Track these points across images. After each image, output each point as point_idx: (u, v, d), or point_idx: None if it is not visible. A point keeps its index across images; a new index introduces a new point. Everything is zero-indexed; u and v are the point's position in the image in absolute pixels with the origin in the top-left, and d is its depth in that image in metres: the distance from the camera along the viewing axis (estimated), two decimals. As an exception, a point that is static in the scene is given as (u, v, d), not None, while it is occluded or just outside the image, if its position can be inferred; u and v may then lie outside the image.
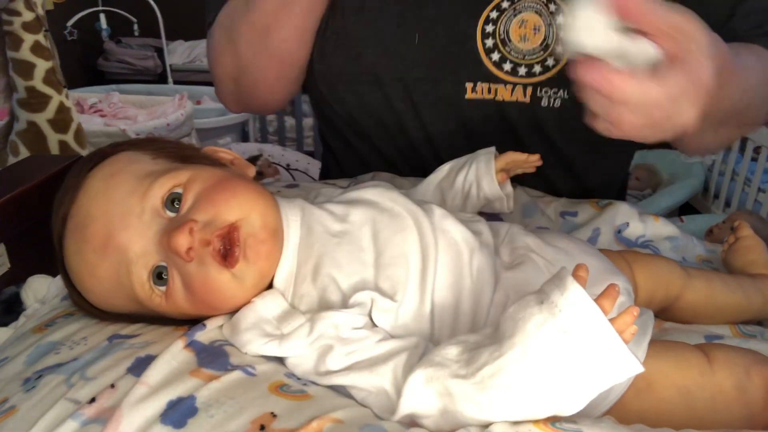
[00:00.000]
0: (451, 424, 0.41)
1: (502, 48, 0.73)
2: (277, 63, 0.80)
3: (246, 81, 0.83)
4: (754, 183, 2.30)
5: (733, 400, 0.47)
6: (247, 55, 0.79)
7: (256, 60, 0.79)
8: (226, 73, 0.83)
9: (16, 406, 0.44)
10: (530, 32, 0.72)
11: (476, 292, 0.52)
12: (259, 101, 0.87)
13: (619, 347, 0.37)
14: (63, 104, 1.83)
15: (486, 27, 0.73)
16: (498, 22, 0.73)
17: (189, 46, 3.94)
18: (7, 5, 1.68)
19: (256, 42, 0.78)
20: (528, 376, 0.38)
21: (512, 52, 0.73)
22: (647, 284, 0.64)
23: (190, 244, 0.47)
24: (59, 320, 0.55)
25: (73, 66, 3.44)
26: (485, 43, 0.73)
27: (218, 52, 0.82)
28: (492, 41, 0.73)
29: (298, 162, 2.80)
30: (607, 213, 0.78)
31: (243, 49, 0.79)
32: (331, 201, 0.58)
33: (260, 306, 0.50)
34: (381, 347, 0.46)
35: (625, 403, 0.47)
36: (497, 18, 0.73)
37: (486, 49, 0.73)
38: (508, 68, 0.74)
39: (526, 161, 0.69)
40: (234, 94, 0.86)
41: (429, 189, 0.71)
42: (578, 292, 0.38)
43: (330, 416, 0.41)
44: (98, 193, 0.50)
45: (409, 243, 0.53)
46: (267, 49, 0.78)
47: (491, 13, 0.73)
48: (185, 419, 0.41)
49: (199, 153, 0.58)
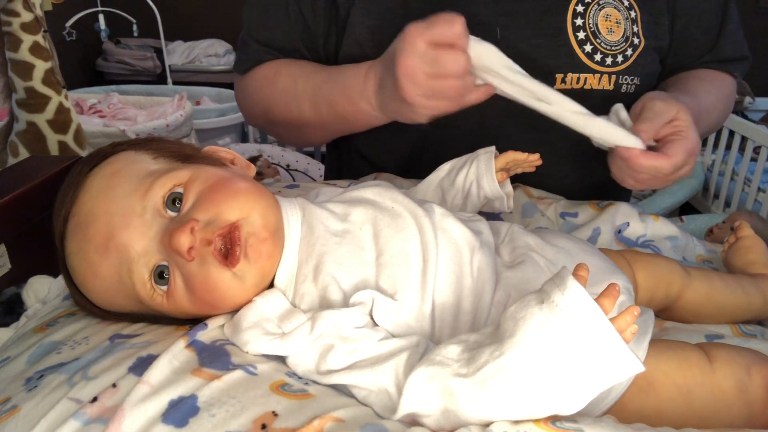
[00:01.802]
0: (452, 423, 0.41)
1: (593, 40, 0.78)
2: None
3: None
4: (754, 183, 2.31)
5: (734, 399, 0.47)
6: (281, 133, 0.95)
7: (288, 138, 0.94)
8: (251, 123, 0.97)
9: (18, 405, 0.44)
10: (614, 25, 0.80)
11: (477, 292, 0.52)
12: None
13: (620, 346, 0.37)
14: (62, 105, 1.83)
15: (575, 20, 0.78)
16: (586, 16, 0.79)
17: (188, 47, 3.93)
18: (6, 6, 1.68)
19: (293, 135, 0.91)
20: (529, 375, 0.38)
21: (602, 44, 0.79)
22: (648, 283, 0.64)
23: (192, 243, 0.47)
24: (61, 320, 0.55)
25: (72, 67, 3.44)
26: (577, 36, 0.78)
27: (249, 114, 0.94)
28: (584, 34, 0.78)
29: (298, 162, 2.80)
30: (607, 213, 0.78)
31: (280, 130, 0.93)
32: (331, 200, 0.58)
33: (261, 305, 0.50)
34: (382, 346, 0.46)
35: (626, 402, 0.47)
36: (584, 12, 0.79)
37: (579, 41, 0.78)
38: (598, 59, 0.80)
39: (526, 160, 0.69)
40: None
41: (429, 188, 0.71)
42: (579, 292, 0.38)
43: (331, 415, 0.41)
44: (99, 192, 0.50)
45: (409, 242, 0.53)
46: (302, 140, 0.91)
47: (577, 7, 0.78)
48: (187, 418, 0.41)
49: (200, 153, 0.58)
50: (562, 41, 0.78)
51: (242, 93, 0.92)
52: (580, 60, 0.79)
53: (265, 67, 0.87)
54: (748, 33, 0.89)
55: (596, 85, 0.81)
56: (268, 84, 0.86)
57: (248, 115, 0.96)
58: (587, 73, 0.80)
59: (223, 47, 3.94)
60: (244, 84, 0.90)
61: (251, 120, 0.97)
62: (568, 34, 0.78)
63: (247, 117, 0.97)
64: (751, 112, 2.81)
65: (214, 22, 3.97)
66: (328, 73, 0.79)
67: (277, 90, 0.84)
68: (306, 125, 0.84)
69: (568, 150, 0.84)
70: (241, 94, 0.94)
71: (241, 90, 0.93)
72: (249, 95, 0.90)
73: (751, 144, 2.35)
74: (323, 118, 0.80)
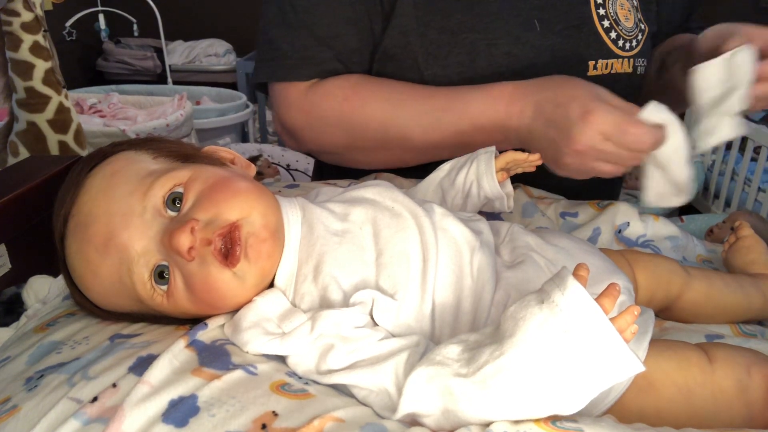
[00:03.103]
0: (452, 422, 0.41)
1: (616, 27, 0.83)
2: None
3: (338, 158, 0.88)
4: (754, 183, 2.30)
5: (734, 399, 0.47)
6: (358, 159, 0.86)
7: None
8: (314, 148, 0.87)
9: (18, 405, 0.44)
10: (627, 13, 0.85)
11: (477, 291, 0.52)
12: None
13: (620, 346, 0.37)
14: (62, 105, 1.83)
15: (599, 10, 0.83)
16: (606, 5, 0.83)
17: (188, 46, 3.94)
18: (6, 5, 1.68)
19: (380, 159, 0.85)
20: (529, 375, 0.38)
21: (623, 30, 0.83)
22: (648, 283, 0.64)
23: (192, 243, 0.47)
24: (61, 320, 0.55)
25: (72, 66, 3.44)
26: (603, 24, 0.82)
27: (317, 133, 0.84)
28: (608, 22, 0.82)
29: (298, 162, 2.80)
30: (607, 213, 0.78)
31: (357, 156, 0.85)
32: (331, 200, 0.58)
33: (261, 305, 0.50)
34: (382, 346, 0.46)
35: (626, 401, 0.47)
36: (603, 2, 0.83)
37: (605, 29, 0.82)
38: (621, 44, 0.85)
39: (526, 160, 0.69)
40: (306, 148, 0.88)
41: (429, 188, 0.71)
42: (579, 292, 0.38)
43: (331, 415, 0.41)
44: (99, 192, 0.50)
45: (409, 242, 0.53)
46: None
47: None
48: (187, 418, 0.41)
49: (200, 152, 0.58)
50: (590, 30, 0.82)
51: (308, 115, 0.82)
52: (608, 47, 0.83)
53: (342, 87, 0.80)
54: None
55: (620, 69, 0.86)
56: (354, 109, 0.79)
57: (318, 141, 0.85)
58: (614, 58, 0.84)
59: (223, 47, 3.95)
60: (312, 105, 0.81)
61: (321, 145, 0.86)
62: (595, 23, 0.82)
63: (314, 143, 0.85)
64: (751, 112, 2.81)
65: (214, 22, 3.98)
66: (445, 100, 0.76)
67: (373, 115, 0.78)
68: (410, 150, 0.80)
69: None
70: (304, 116, 0.82)
71: (307, 112, 0.82)
72: (323, 117, 0.81)
73: (751, 144, 2.35)
74: (440, 143, 0.77)
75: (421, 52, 0.79)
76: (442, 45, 0.78)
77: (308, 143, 0.86)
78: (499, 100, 0.73)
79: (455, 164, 0.71)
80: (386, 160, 0.86)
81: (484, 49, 0.78)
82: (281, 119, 0.85)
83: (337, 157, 0.88)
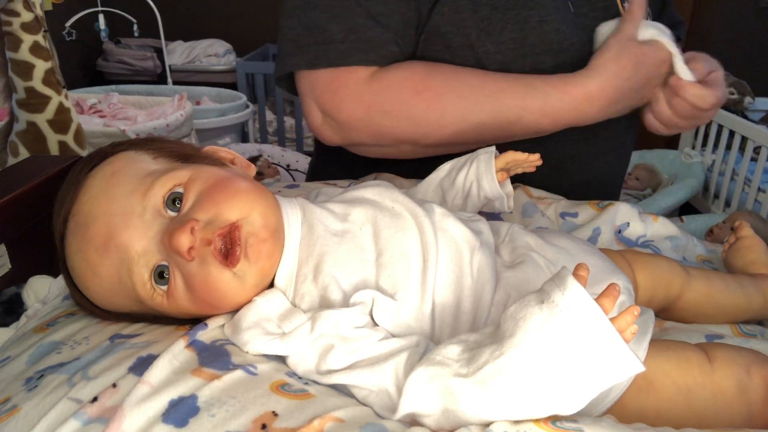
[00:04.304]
0: (452, 423, 0.41)
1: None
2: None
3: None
4: (754, 183, 2.30)
5: (734, 398, 0.48)
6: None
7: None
8: (368, 141, 0.80)
9: (18, 405, 0.44)
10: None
11: (477, 292, 0.52)
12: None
13: (620, 346, 0.37)
14: (62, 105, 1.83)
15: None
16: None
17: (188, 47, 3.94)
18: (6, 5, 1.68)
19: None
20: (529, 375, 0.38)
21: None
22: (648, 283, 0.64)
23: (192, 243, 0.47)
24: (61, 320, 0.55)
25: (72, 66, 3.44)
26: (624, 6, 0.84)
27: (379, 126, 0.77)
28: (626, 4, 0.83)
29: (298, 162, 2.81)
30: (607, 213, 0.78)
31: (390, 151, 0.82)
32: (331, 200, 0.58)
33: (261, 305, 0.50)
34: (382, 346, 0.46)
35: (626, 401, 0.47)
36: None
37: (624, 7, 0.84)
38: None
39: (527, 160, 0.69)
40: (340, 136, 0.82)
41: (429, 188, 0.71)
42: (579, 292, 0.38)
43: (331, 415, 0.41)
44: (99, 192, 0.50)
45: (410, 242, 0.53)
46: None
47: None
48: (187, 418, 0.41)
49: (200, 152, 0.58)
50: (615, 12, 0.83)
51: (369, 108, 0.75)
52: None
53: (406, 72, 0.75)
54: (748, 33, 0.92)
55: None
56: (423, 99, 0.74)
57: (377, 136, 0.78)
58: None
59: (223, 47, 3.95)
60: (375, 96, 0.75)
61: (378, 139, 0.78)
62: (618, 5, 0.83)
63: (370, 136, 0.78)
64: (751, 112, 2.81)
65: (214, 22, 3.98)
66: (523, 96, 0.75)
67: (443, 108, 0.75)
68: (480, 144, 0.75)
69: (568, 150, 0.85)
70: (365, 109, 0.75)
71: (368, 104, 0.75)
72: (388, 112, 0.75)
73: (751, 144, 2.35)
74: (516, 136, 0.77)
75: (474, 29, 0.76)
76: (495, 21, 0.76)
77: (363, 136, 0.78)
78: (581, 102, 0.74)
79: (455, 164, 0.71)
80: (443, 152, 0.80)
81: (536, 26, 0.77)
82: (329, 110, 0.76)
83: (385, 150, 0.82)
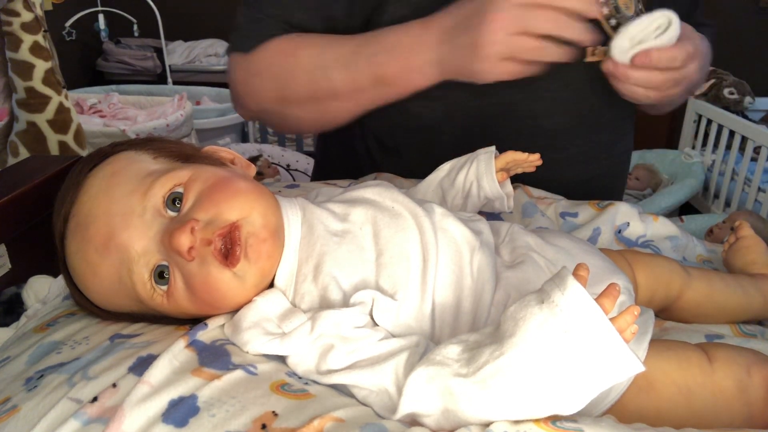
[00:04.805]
0: (452, 423, 0.41)
1: (615, 15, 0.83)
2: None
3: (280, 121, 0.88)
4: (754, 183, 2.31)
5: (734, 398, 0.48)
6: (298, 115, 0.84)
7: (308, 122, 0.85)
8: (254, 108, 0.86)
9: (18, 405, 0.44)
10: (629, 2, 0.84)
11: (477, 291, 0.52)
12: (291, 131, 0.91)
13: (620, 346, 0.37)
14: (62, 105, 1.83)
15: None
16: None
17: (188, 47, 3.94)
18: (6, 5, 1.68)
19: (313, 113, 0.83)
20: (529, 375, 0.38)
21: (622, 19, 0.82)
22: (648, 283, 0.64)
23: (192, 243, 0.47)
24: (61, 320, 0.55)
25: (72, 66, 3.44)
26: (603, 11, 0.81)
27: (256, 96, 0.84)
28: (607, 10, 0.82)
29: (298, 162, 2.81)
30: (607, 213, 0.78)
31: (296, 111, 0.83)
32: (331, 200, 0.58)
33: (261, 305, 0.50)
34: (382, 346, 0.46)
35: (626, 401, 0.47)
36: None
37: (604, 16, 0.81)
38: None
39: (527, 160, 0.69)
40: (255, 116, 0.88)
41: (429, 188, 0.71)
42: (579, 292, 0.38)
43: (331, 415, 0.41)
44: (99, 192, 0.50)
45: (410, 242, 0.53)
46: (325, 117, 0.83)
47: None
48: (187, 418, 0.41)
49: (200, 152, 0.58)
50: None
51: (247, 72, 0.83)
52: (606, 34, 0.83)
53: (281, 41, 0.80)
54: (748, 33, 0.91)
55: None
56: (286, 57, 0.79)
57: (254, 99, 0.85)
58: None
59: (223, 47, 3.94)
60: (251, 62, 0.82)
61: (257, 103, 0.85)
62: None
63: (252, 101, 0.85)
64: (751, 112, 2.81)
65: (214, 22, 3.97)
66: (367, 36, 0.76)
67: (300, 61, 0.78)
68: (334, 97, 0.79)
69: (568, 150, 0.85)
70: (244, 74, 0.84)
71: (246, 69, 0.83)
72: (258, 73, 0.82)
73: (751, 144, 2.35)
74: (358, 84, 0.77)
75: None
76: None
77: (248, 104, 0.86)
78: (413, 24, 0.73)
79: (455, 164, 0.71)
80: (318, 117, 0.85)
81: None
82: (230, 90, 0.87)
83: (275, 117, 0.88)
